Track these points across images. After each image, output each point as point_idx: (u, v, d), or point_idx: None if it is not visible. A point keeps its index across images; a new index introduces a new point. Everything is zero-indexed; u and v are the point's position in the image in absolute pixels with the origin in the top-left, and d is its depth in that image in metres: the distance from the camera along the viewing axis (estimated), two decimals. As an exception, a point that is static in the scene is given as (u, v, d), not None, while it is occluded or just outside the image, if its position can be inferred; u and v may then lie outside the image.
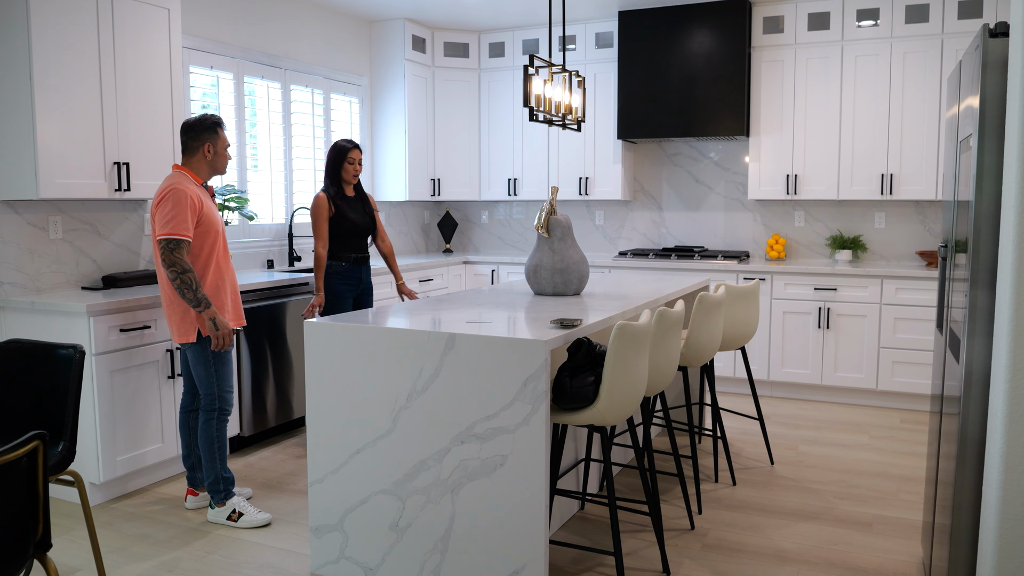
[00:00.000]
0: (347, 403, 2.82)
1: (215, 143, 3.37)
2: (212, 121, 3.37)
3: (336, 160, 4.36)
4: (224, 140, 3.41)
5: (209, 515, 3.50)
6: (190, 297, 3.20)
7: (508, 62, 6.60)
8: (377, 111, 6.36)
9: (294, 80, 5.53)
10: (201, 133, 3.36)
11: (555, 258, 3.66)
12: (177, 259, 3.16)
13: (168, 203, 3.17)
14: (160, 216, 3.18)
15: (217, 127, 3.38)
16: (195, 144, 3.35)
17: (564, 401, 2.59)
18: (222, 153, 3.40)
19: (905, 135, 5.51)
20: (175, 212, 3.17)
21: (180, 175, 3.31)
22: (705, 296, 3.54)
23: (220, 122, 3.41)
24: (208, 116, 3.38)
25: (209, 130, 3.36)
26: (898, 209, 5.87)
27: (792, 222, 6.16)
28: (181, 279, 3.17)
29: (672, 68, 5.93)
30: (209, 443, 3.45)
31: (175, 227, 3.16)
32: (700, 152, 6.38)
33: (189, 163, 3.37)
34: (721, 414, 5.23)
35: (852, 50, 5.60)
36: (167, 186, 3.22)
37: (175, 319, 3.34)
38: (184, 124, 3.37)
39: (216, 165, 3.40)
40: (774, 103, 5.83)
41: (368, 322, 2.85)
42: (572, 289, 3.70)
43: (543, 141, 6.51)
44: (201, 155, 3.36)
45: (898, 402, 5.44)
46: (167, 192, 3.19)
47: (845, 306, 5.46)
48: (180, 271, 3.16)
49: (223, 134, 3.42)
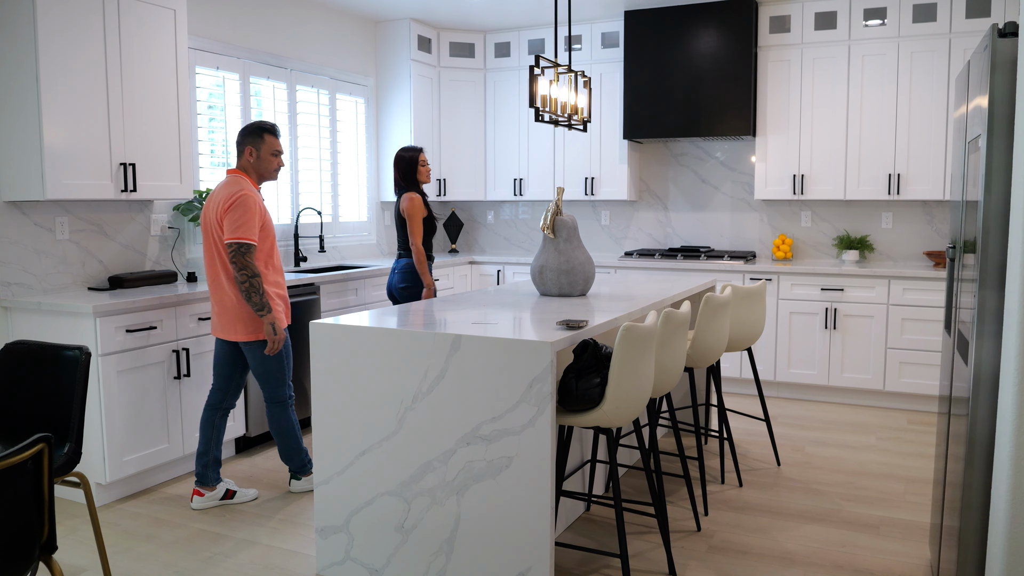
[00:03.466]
0: (353, 404, 2.82)
1: (258, 147, 3.44)
2: (258, 126, 3.45)
3: (411, 165, 4.57)
4: (270, 145, 3.45)
5: (295, 486, 3.80)
6: (256, 301, 3.32)
7: (514, 62, 6.59)
8: (383, 111, 6.36)
9: (300, 80, 5.54)
10: (245, 137, 3.45)
11: (561, 259, 3.65)
12: (248, 263, 3.27)
13: (238, 208, 3.26)
14: (230, 221, 3.27)
15: (263, 132, 3.44)
16: (240, 149, 3.46)
17: (570, 403, 2.58)
18: (266, 158, 3.46)
19: (913, 135, 5.49)
20: (245, 217, 3.26)
21: (240, 179, 3.40)
22: (711, 297, 3.53)
23: (268, 127, 3.46)
24: (258, 121, 3.48)
25: (253, 134, 3.44)
26: (905, 209, 5.85)
27: (799, 222, 6.14)
28: (251, 283, 3.28)
29: (678, 68, 5.92)
30: (290, 430, 3.67)
31: (245, 232, 3.26)
32: (706, 152, 6.36)
33: (240, 167, 3.48)
34: (727, 415, 5.21)
35: (859, 50, 5.57)
36: (235, 192, 3.30)
37: (243, 319, 3.43)
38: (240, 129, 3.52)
39: (260, 169, 3.47)
40: (780, 103, 5.81)
41: (374, 323, 2.85)
42: (578, 290, 3.70)
43: (549, 141, 6.50)
44: (245, 159, 3.45)
45: (905, 403, 5.42)
46: (236, 198, 3.28)
47: (852, 307, 5.44)
48: (250, 275, 3.28)
49: (270, 139, 3.46)
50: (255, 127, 3.47)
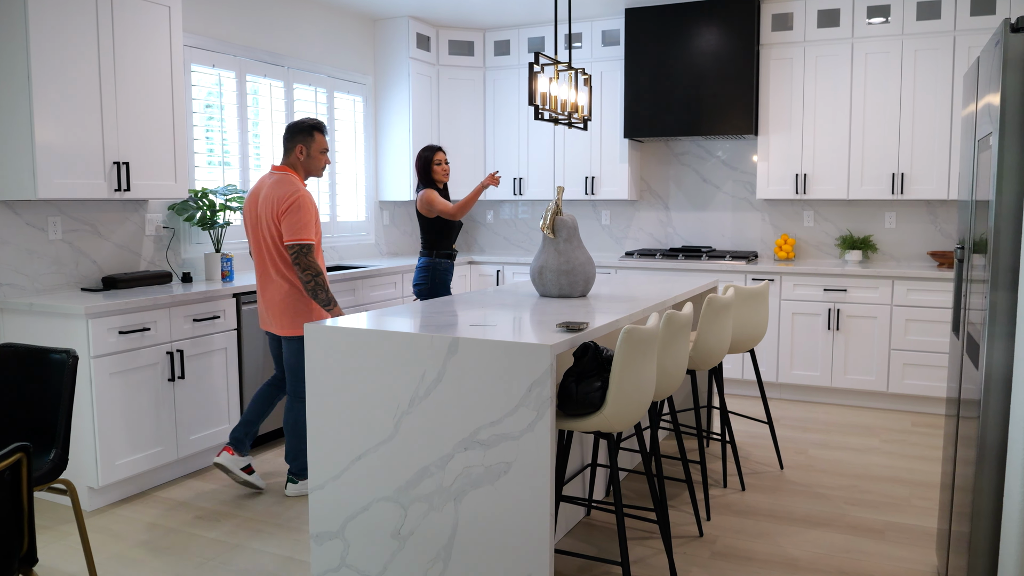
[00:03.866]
0: (348, 408, 2.76)
1: (308, 145, 3.48)
2: (308, 124, 3.48)
3: (426, 164, 4.68)
4: (319, 143, 3.51)
5: (291, 490, 3.76)
6: (323, 297, 3.40)
7: (513, 60, 6.53)
8: (381, 110, 6.30)
9: (297, 79, 5.48)
10: (295, 135, 3.48)
11: (561, 259, 3.60)
12: (312, 262, 3.35)
13: (298, 210, 3.33)
14: (291, 222, 3.33)
15: (313, 130, 3.48)
16: (289, 146, 3.49)
17: (570, 407, 2.52)
18: (316, 156, 3.50)
19: (917, 134, 5.43)
20: (305, 218, 3.34)
21: (291, 177, 3.45)
22: (714, 298, 3.47)
23: (318, 125, 3.50)
24: (307, 119, 3.50)
25: (304, 132, 3.47)
26: (909, 209, 5.79)
27: (801, 222, 6.08)
28: (316, 281, 3.37)
29: (679, 66, 5.86)
30: (304, 428, 3.69)
31: (306, 232, 3.34)
32: (707, 151, 6.30)
33: (288, 163, 3.51)
34: (729, 418, 5.15)
35: (862, 47, 5.51)
36: (292, 192, 3.36)
37: (288, 314, 3.51)
38: (286, 127, 3.52)
39: (309, 167, 3.52)
40: (783, 101, 5.75)
41: (369, 325, 2.79)
42: (578, 291, 3.64)
43: (549, 140, 6.45)
44: (295, 157, 3.48)
45: (909, 405, 5.36)
46: (295, 198, 3.34)
47: (855, 307, 5.38)
48: (315, 273, 3.36)
49: (319, 137, 3.51)
50: (306, 125, 3.49)
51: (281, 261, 3.47)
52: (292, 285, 3.49)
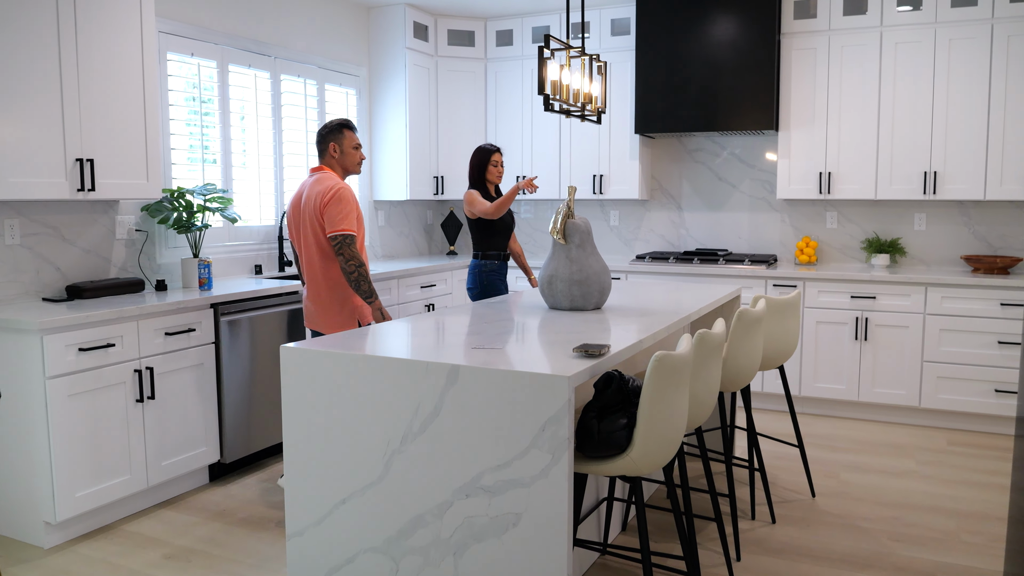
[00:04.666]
0: (331, 443, 2.38)
1: (340, 143, 3.53)
2: (337, 123, 3.54)
3: (481, 163, 4.50)
4: (351, 139, 3.55)
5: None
6: (366, 289, 3.39)
7: (516, 51, 6.15)
8: (376, 104, 5.92)
9: (285, 69, 5.09)
10: (326, 136, 3.54)
11: (573, 268, 3.22)
12: (354, 253, 3.35)
13: (339, 202, 3.35)
14: (332, 214, 3.34)
15: (342, 128, 3.54)
16: (323, 147, 3.54)
17: (590, 448, 2.15)
18: (349, 152, 3.55)
19: (950, 129, 5.05)
20: (346, 209, 3.36)
21: (330, 174, 3.48)
22: (745, 312, 3.09)
23: (346, 123, 3.56)
24: (334, 119, 3.56)
25: (333, 131, 3.53)
26: (940, 210, 5.41)
27: (823, 223, 5.70)
28: (359, 272, 3.36)
29: (694, 57, 5.48)
30: None
31: (347, 223, 3.35)
32: (723, 148, 5.92)
33: (324, 164, 3.55)
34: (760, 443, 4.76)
35: (892, 36, 5.13)
36: (332, 186, 3.39)
37: (334, 311, 3.51)
38: (317, 132, 3.60)
39: (345, 164, 3.56)
40: (806, 95, 5.37)
41: (354, 347, 2.41)
42: (592, 303, 3.26)
43: (554, 136, 6.06)
44: (329, 156, 3.53)
45: (943, 421, 4.99)
46: (335, 191, 3.37)
47: (885, 316, 5.00)
48: (358, 264, 3.36)
49: (349, 134, 3.55)
50: (335, 124, 3.54)
51: (326, 258, 3.47)
52: (336, 283, 3.50)
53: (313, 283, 3.53)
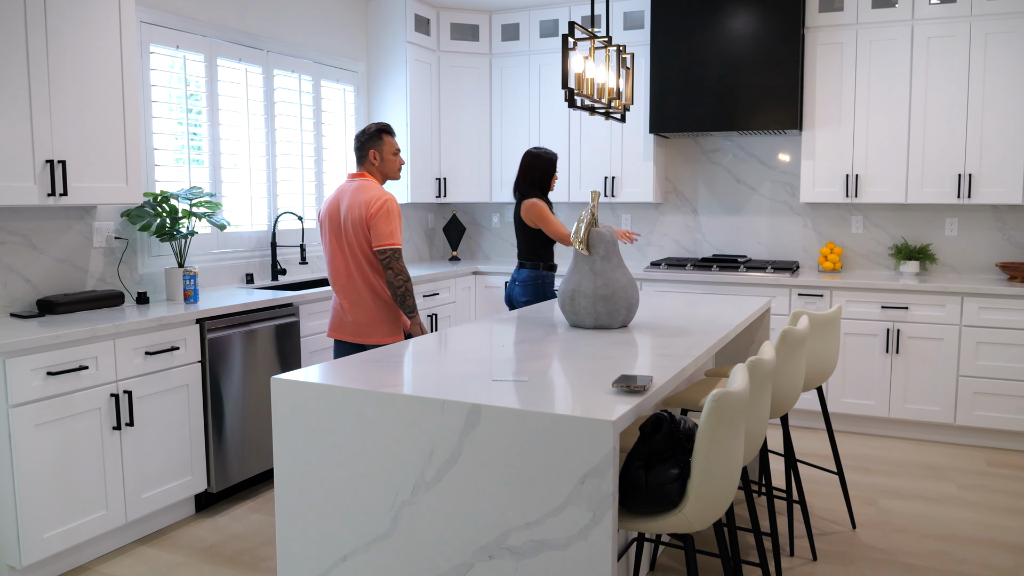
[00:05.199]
0: (329, 491, 2.06)
1: (380, 149, 3.44)
2: (376, 128, 3.45)
3: (548, 172, 4.28)
4: (391, 145, 3.47)
5: None
6: (411, 303, 3.36)
7: (523, 46, 5.83)
8: (375, 101, 5.59)
9: (278, 64, 4.77)
10: (365, 142, 3.45)
11: (598, 282, 2.90)
12: (403, 267, 3.33)
13: (388, 215, 3.30)
14: (380, 228, 3.29)
15: (381, 133, 3.45)
16: (362, 153, 3.45)
17: (637, 503, 1.83)
18: (389, 158, 3.47)
19: (986, 129, 4.74)
20: (394, 223, 3.32)
21: (373, 182, 3.41)
22: (790, 332, 2.78)
23: (385, 128, 3.47)
24: (374, 124, 3.47)
25: (373, 137, 3.44)
26: (972, 214, 5.11)
27: (848, 228, 5.40)
28: (406, 287, 3.33)
29: (712, 52, 5.16)
30: None
31: (397, 237, 3.32)
32: (742, 148, 5.61)
33: (364, 171, 3.46)
34: (799, 468, 4.46)
35: (924, 31, 4.83)
36: (379, 197, 3.32)
37: (383, 320, 3.44)
38: (355, 137, 3.49)
39: (385, 171, 3.48)
40: (831, 92, 5.06)
41: (357, 380, 2.09)
42: (618, 321, 2.94)
43: (563, 136, 5.75)
44: (369, 162, 3.45)
45: (980, 439, 4.68)
46: (383, 204, 3.30)
47: (918, 327, 4.70)
48: (405, 279, 3.32)
49: (389, 140, 3.47)
50: (374, 130, 3.46)
51: (370, 268, 3.40)
52: (382, 292, 3.43)
53: (356, 293, 3.43)
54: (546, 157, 4.27)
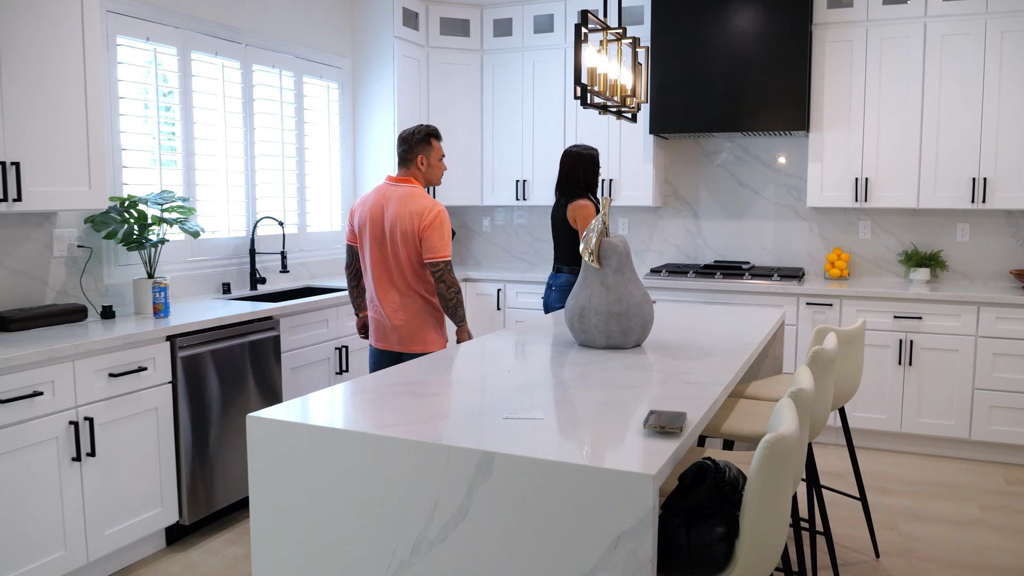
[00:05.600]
0: (314, 548, 1.79)
1: (428, 155, 3.33)
2: (425, 131, 3.34)
3: (593, 169, 4.04)
4: (438, 151, 3.36)
5: None
6: (461, 313, 3.29)
7: (516, 42, 5.56)
8: (361, 99, 5.30)
9: (257, 59, 4.47)
10: (415, 146, 3.32)
11: (610, 297, 2.64)
12: (454, 279, 3.25)
13: (441, 227, 3.22)
14: (434, 240, 3.20)
15: (430, 137, 3.34)
16: (410, 156, 3.32)
17: (676, 568, 1.57)
18: (436, 165, 3.37)
19: (1002, 132, 4.53)
20: (447, 235, 3.24)
21: (420, 190, 3.29)
22: (821, 352, 2.53)
23: (434, 132, 3.36)
24: (422, 127, 3.35)
25: (423, 142, 3.32)
26: (985, 220, 4.90)
27: (856, 234, 5.17)
28: (457, 298, 3.25)
29: (716, 49, 4.92)
30: None
31: (448, 248, 3.24)
32: (745, 150, 5.38)
33: (409, 175, 3.32)
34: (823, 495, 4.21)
35: (937, 28, 4.61)
36: (431, 206, 3.22)
37: (429, 327, 3.33)
38: (400, 135, 3.35)
39: (430, 177, 3.37)
40: (840, 92, 4.84)
41: (345, 419, 1.82)
42: (632, 340, 2.69)
43: (558, 137, 5.49)
44: (416, 167, 3.32)
45: (996, 455, 4.47)
46: (436, 215, 3.21)
47: (932, 338, 4.48)
48: (457, 290, 3.25)
49: (437, 145, 3.36)
50: (423, 133, 3.33)
51: (416, 277, 3.28)
52: (427, 301, 3.33)
53: (402, 302, 3.30)
54: (588, 154, 4.03)
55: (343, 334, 4.25)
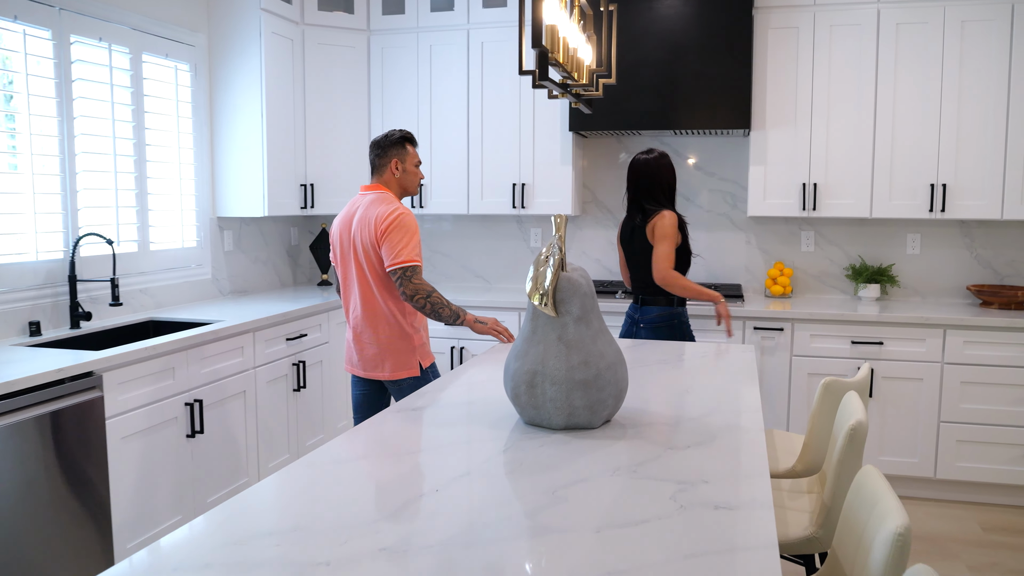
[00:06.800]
0: None
1: (403, 159, 3.11)
2: (401, 135, 3.11)
3: (673, 173, 3.60)
4: (413, 156, 3.14)
5: None
6: (447, 314, 2.97)
7: (410, 21, 4.71)
8: (220, 85, 4.32)
9: (78, 29, 3.44)
10: (387, 149, 3.10)
11: (572, 359, 1.86)
12: (418, 285, 2.92)
13: (400, 229, 2.92)
14: (392, 243, 2.91)
15: (405, 142, 3.12)
16: (382, 162, 3.10)
17: None
18: (412, 171, 3.14)
19: (963, 132, 4.06)
20: (406, 238, 2.93)
21: (389, 195, 3.04)
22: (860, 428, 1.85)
23: (408, 137, 3.13)
24: (394, 131, 3.12)
25: (397, 145, 3.10)
26: (937, 229, 4.44)
27: (798, 246, 4.62)
28: (429, 302, 2.93)
29: (647, 36, 4.24)
30: None
31: (408, 253, 2.92)
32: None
33: (381, 182, 3.09)
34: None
35: (892, 16, 4.09)
36: (391, 210, 2.94)
37: (394, 353, 3.04)
38: (372, 141, 3.13)
39: (406, 184, 3.14)
40: (786, 87, 4.25)
41: None
42: (602, 416, 1.92)
43: (460, 131, 4.67)
44: (389, 174, 3.10)
45: (963, 494, 3.99)
46: (397, 217, 2.93)
47: (894, 366, 3.95)
48: (425, 295, 2.93)
49: (412, 150, 3.14)
50: (396, 137, 3.09)
51: (385, 291, 3.01)
52: (396, 320, 3.03)
53: (373, 323, 3.04)
54: (666, 160, 3.60)
55: (197, 383, 3.29)
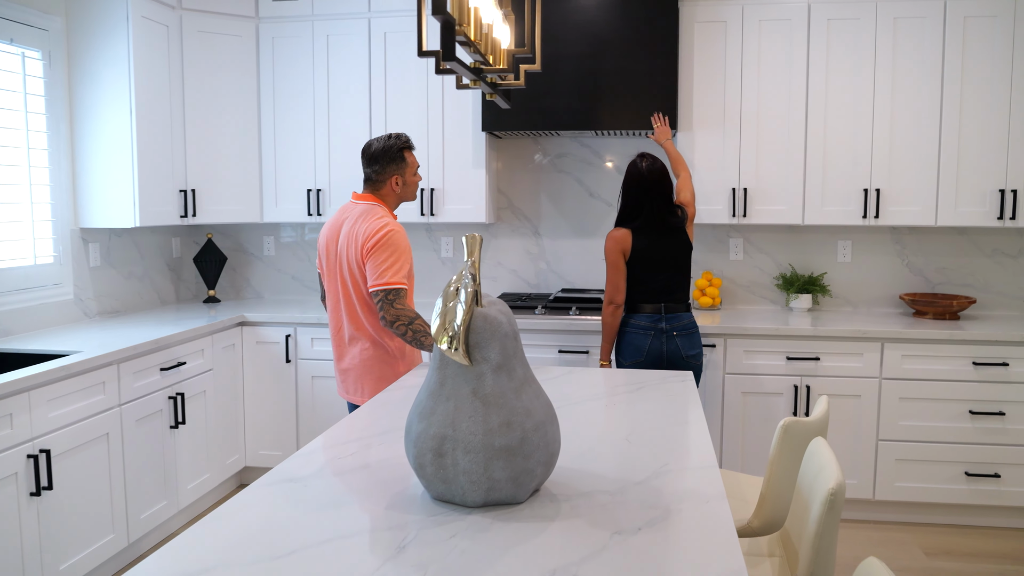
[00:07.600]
0: None
1: (403, 173, 2.87)
2: (400, 146, 2.85)
3: None
4: (413, 164, 2.90)
5: None
6: (430, 343, 2.70)
7: (305, 8, 4.22)
8: (80, 76, 3.74)
9: None
10: (387, 166, 2.84)
11: (491, 419, 1.46)
12: (401, 310, 2.70)
13: (386, 248, 2.71)
14: (376, 262, 2.70)
15: (405, 151, 2.86)
16: (381, 177, 2.86)
17: None
18: (411, 181, 2.91)
19: (897, 135, 3.86)
20: (394, 257, 2.72)
21: (380, 208, 2.82)
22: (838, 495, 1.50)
23: (408, 143, 2.88)
24: (392, 139, 2.84)
25: (397, 159, 2.84)
26: (868, 237, 4.24)
27: (726, 254, 4.35)
28: (411, 329, 2.70)
29: (566, 28, 3.89)
30: None
31: (393, 275, 2.71)
32: (595, 153, 4.40)
33: (377, 195, 2.86)
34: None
35: (822, 11, 3.86)
36: (379, 226, 2.72)
37: (374, 379, 2.85)
38: (367, 152, 2.85)
39: (405, 196, 2.92)
40: (714, 85, 3.97)
41: None
42: (529, 488, 1.52)
43: (361, 131, 4.22)
44: (389, 188, 2.87)
45: (902, 514, 3.78)
46: (385, 234, 2.71)
47: (831, 382, 3.72)
48: (407, 322, 2.70)
49: (412, 158, 2.88)
50: (396, 149, 2.82)
51: (371, 312, 2.80)
52: (377, 342, 2.82)
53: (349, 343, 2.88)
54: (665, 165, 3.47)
55: (43, 431, 2.74)
